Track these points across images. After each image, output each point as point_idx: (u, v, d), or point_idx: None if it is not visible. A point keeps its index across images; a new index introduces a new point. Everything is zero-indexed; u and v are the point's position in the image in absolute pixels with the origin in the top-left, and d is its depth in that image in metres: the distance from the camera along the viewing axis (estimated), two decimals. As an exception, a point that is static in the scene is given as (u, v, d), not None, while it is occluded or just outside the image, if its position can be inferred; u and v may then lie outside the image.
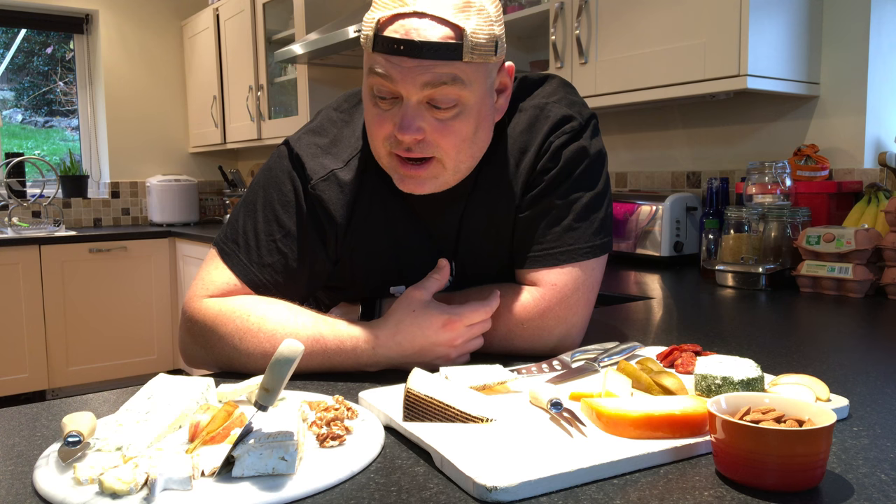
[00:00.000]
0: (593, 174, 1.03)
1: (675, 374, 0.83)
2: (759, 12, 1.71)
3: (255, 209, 1.03)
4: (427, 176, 0.94)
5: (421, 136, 0.90)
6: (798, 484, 0.59)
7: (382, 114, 0.92)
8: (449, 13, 0.87)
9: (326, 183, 1.01)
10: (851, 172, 1.88)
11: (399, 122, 0.90)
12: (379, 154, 0.96)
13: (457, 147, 0.93)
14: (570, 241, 1.00)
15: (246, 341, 0.94)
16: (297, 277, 1.02)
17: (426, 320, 0.91)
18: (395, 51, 0.87)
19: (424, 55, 0.86)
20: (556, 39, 2.17)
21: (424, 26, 0.86)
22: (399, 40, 0.87)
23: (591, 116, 1.05)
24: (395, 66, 0.88)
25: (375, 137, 0.95)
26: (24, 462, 0.69)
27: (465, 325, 0.92)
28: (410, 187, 0.96)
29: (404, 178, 0.95)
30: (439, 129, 0.91)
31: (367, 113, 0.95)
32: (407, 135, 0.89)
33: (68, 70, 4.61)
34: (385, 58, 0.88)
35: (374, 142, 0.96)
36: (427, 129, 0.90)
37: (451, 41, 0.87)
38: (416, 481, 0.63)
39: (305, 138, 1.04)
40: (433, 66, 0.87)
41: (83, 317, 3.77)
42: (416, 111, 0.89)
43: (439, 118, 0.91)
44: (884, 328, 1.26)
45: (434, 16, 0.87)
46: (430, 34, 0.86)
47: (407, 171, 0.94)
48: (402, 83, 0.88)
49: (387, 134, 0.93)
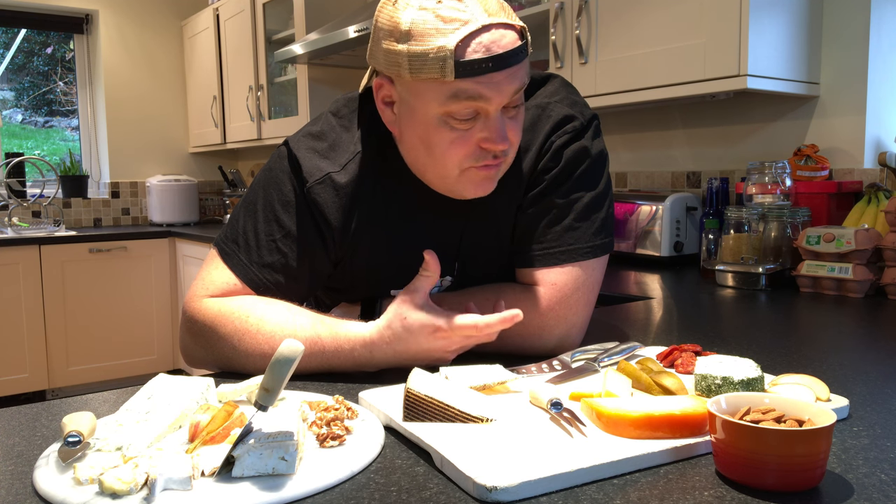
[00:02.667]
0: (595, 174, 1.03)
1: (675, 374, 0.83)
2: (759, 12, 1.71)
3: (256, 209, 1.03)
4: (499, 172, 0.96)
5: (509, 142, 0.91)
6: (798, 484, 0.59)
7: (462, 136, 0.90)
8: (502, 16, 0.87)
9: (322, 186, 1.00)
10: (851, 172, 1.88)
11: (492, 135, 0.89)
12: (447, 175, 0.95)
13: (520, 137, 0.96)
14: (571, 240, 1.00)
15: (245, 342, 0.94)
16: (297, 277, 1.02)
17: (417, 328, 0.88)
18: (484, 70, 0.85)
19: (511, 63, 0.86)
20: (556, 39, 2.17)
21: (497, 37, 0.85)
22: (485, 59, 0.85)
23: (593, 117, 1.05)
24: (485, 84, 0.86)
25: (452, 160, 0.92)
26: (24, 462, 0.69)
27: (457, 334, 0.88)
28: (485, 188, 0.96)
29: (481, 183, 0.95)
30: (512, 128, 0.93)
31: (436, 141, 0.92)
32: (505, 144, 0.90)
33: (68, 70, 4.61)
34: (475, 81, 0.86)
35: (447, 166, 0.93)
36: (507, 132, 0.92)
37: (520, 42, 0.88)
38: (416, 481, 0.63)
39: (304, 141, 1.04)
40: (517, 70, 0.88)
41: (83, 317, 3.77)
42: (503, 120, 0.90)
43: (511, 116, 0.92)
44: (884, 328, 1.26)
45: (499, 23, 0.86)
46: (507, 42, 0.86)
47: (486, 171, 0.94)
48: (497, 97, 0.87)
49: (468, 153, 0.92)
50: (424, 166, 0.97)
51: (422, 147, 0.94)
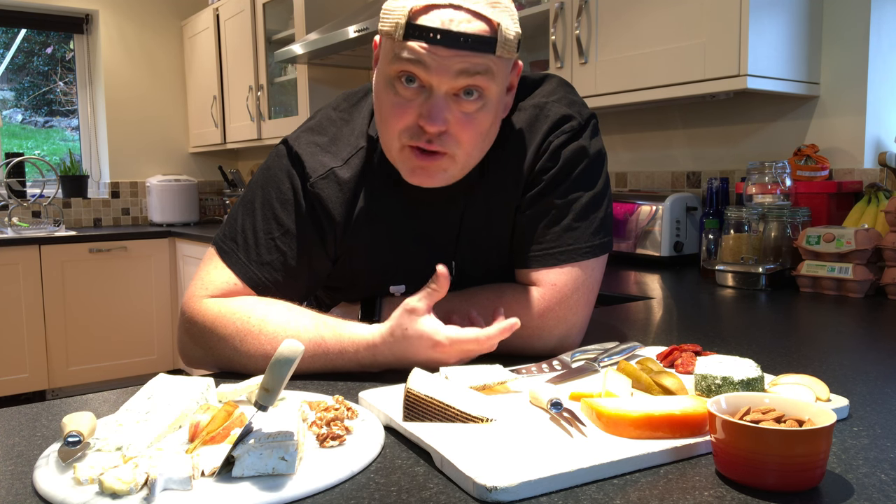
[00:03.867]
0: (593, 174, 1.03)
1: (675, 374, 0.83)
2: (759, 12, 1.71)
3: (254, 208, 1.03)
4: (437, 168, 0.94)
5: (445, 127, 0.91)
6: (798, 484, 0.59)
7: (404, 103, 0.91)
8: (480, 7, 0.88)
9: (325, 181, 1.01)
10: (851, 172, 1.88)
11: (427, 112, 0.90)
12: (390, 147, 0.96)
13: (473, 141, 0.94)
14: (570, 240, 1.00)
15: (247, 343, 0.94)
16: (296, 275, 1.02)
17: (418, 340, 0.89)
18: (431, 39, 0.87)
19: (461, 46, 0.87)
20: (556, 39, 2.17)
21: (461, 18, 0.87)
22: (437, 29, 0.87)
23: (591, 116, 1.05)
24: (430, 53, 0.87)
25: (391, 128, 0.93)
26: (24, 462, 0.69)
27: (456, 349, 0.89)
28: (420, 179, 0.95)
29: (415, 170, 0.94)
30: (462, 122, 0.91)
31: (382, 102, 0.94)
32: (435, 125, 0.89)
33: (68, 70, 4.61)
34: (419, 45, 0.88)
35: (387, 133, 0.95)
36: (451, 122, 0.91)
37: (487, 34, 0.88)
38: (416, 481, 0.63)
39: (304, 137, 1.04)
40: (469, 57, 0.88)
41: (83, 317, 3.77)
42: (444, 102, 0.90)
43: (464, 110, 0.91)
44: (884, 328, 1.26)
45: (470, 9, 0.87)
46: (468, 27, 0.87)
47: (421, 161, 0.93)
48: (437, 71, 0.88)
49: (406, 125, 0.92)
50: (379, 132, 0.98)
51: (377, 108, 0.97)
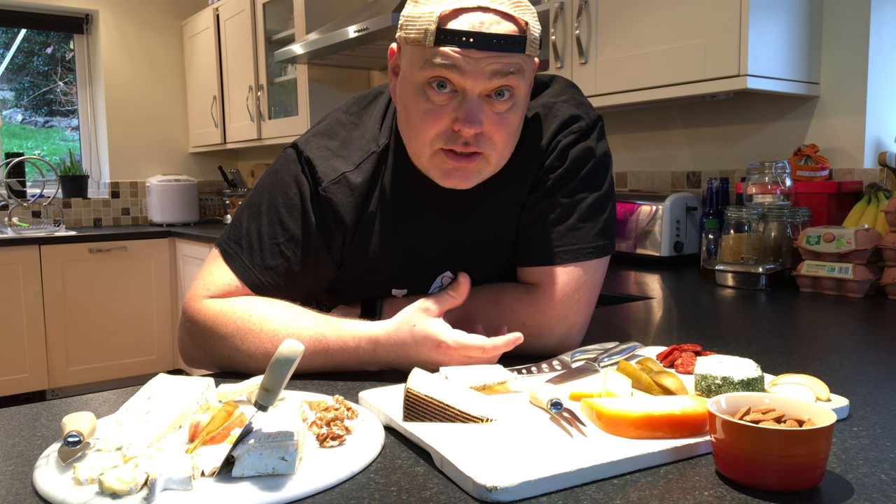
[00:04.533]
0: (599, 175, 1.03)
1: (675, 374, 0.83)
2: (759, 12, 1.71)
3: (260, 212, 1.02)
4: (473, 170, 0.94)
5: (480, 129, 0.90)
6: (798, 484, 0.59)
7: (436, 109, 0.91)
8: (509, 8, 0.88)
9: (337, 186, 1.00)
10: (851, 172, 1.88)
11: (463, 115, 0.89)
12: (421, 153, 0.95)
13: (505, 141, 0.94)
14: (574, 240, 1.00)
15: (247, 342, 0.94)
16: (299, 281, 1.01)
17: (422, 338, 0.89)
18: (463, 43, 0.87)
19: (494, 47, 0.87)
20: (556, 39, 2.17)
21: (491, 20, 0.87)
22: (469, 32, 0.86)
23: (598, 118, 1.05)
24: (464, 57, 0.87)
25: (424, 134, 0.93)
26: (24, 462, 0.69)
27: (460, 353, 0.89)
28: (455, 181, 0.95)
29: (451, 172, 0.94)
30: (495, 122, 0.91)
31: (412, 110, 0.93)
32: (472, 128, 0.89)
33: (68, 70, 4.61)
34: (452, 50, 0.87)
35: (419, 139, 0.94)
36: (485, 123, 0.91)
37: (517, 34, 0.88)
38: (416, 481, 0.63)
39: (315, 141, 1.04)
40: (502, 58, 0.88)
41: (83, 317, 3.77)
42: (478, 104, 0.90)
43: (497, 111, 0.91)
44: (884, 328, 1.26)
45: (498, 10, 0.88)
46: (498, 28, 0.87)
47: (456, 162, 0.93)
48: (472, 74, 0.88)
49: (440, 130, 0.92)
50: (407, 139, 0.97)
51: (405, 116, 0.96)
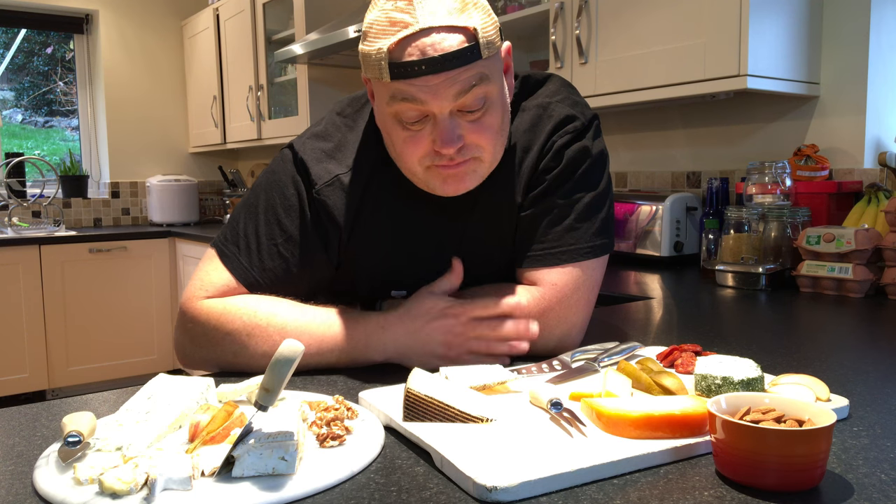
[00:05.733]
0: (595, 174, 1.03)
1: (675, 374, 0.83)
2: (759, 12, 1.71)
3: (257, 212, 1.02)
4: (467, 171, 0.94)
5: (461, 143, 0.90)
6: (798, 484, 0.59)
7: (414, 136, 0.91)
8: (452, 19, 0.85)
9: (331, 188, 1.00)
10: (851, 172, 1.88)
11: (439, 138, 0.89)
12: (413, 172, 0.95)
13: (492, 140, 0.94)
14: (572, 240, 1.00)
15: (255, 337, 0.94)
16: (296, 282, 1.02)
17: (429, 306, 0.94)
18: (416, 73, 0.85)
19: (448, 67, 0.85)
20: (556, 39, 2.17)
21: (437, 40, 0.84)
22: (418, 62, 0.84)
23: (594, 117, 1.05)
24: (421, 87, 0.86)
25: (410, 159, 0.93)
26: (24, 462, 0.69)
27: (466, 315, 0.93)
28: (454, 187, 0.95)
29: (447, 180, 0.94)
30: (475, 130, 0.91)
31: (393, 139, 0.94)
32: (451, 147, 0.89)
33: (68, 70, 4.61)
34: (408, 83, 0.86)
35: (407, 163, 0.94)
36: (464, 134, 0.90)
37: (467, 44, 0.86)
38: (416, 481, 0.63)
39: (310, 143, 1.04)
40: (459, 74, 0.86)
41: (83, 317, 3.77)
42: (451, 123, 0.89)
43: (471, 120, 0.91)
44: (884, 328, 1.26)
45: (441, 26, 0.85)
46: (446, 45, 0.85)
47: (449, 171, 0.93)
48: (434, 101, 0.87)
49: (423, 153, 0.92)
50: (397, 162, 0.98)
51: (389, 142, 0.96)
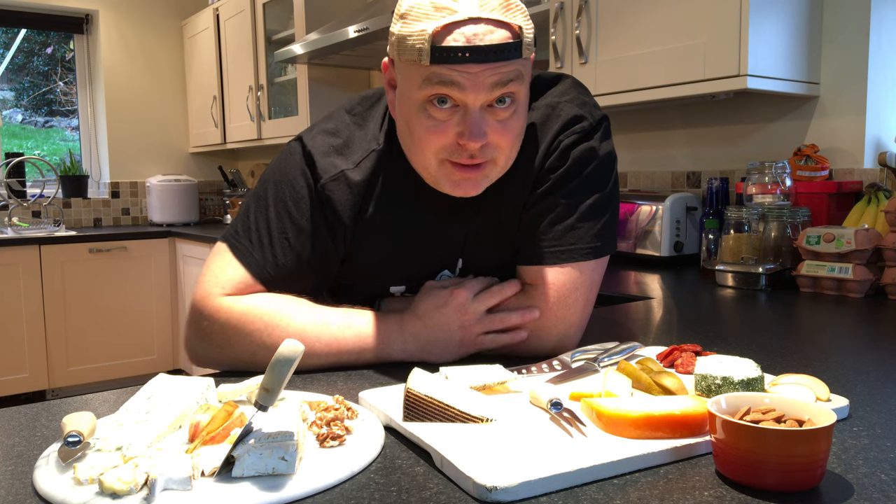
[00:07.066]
0: (601, 175, 1.03)
1: (675, 374, 0.83)
2: (759, 12, 1.71)
3: (267, 205, 1.03)
4: (481, 177, 0.94)
5: (486, 140, 0.90)
6: (798, 484, 0.59)
7: (438, 125, 0.90)
8: (499, 14, 0.86)
9: (336, 183, 1.01)
10: (851, 172, 1.88)
11: (466, 130, 0.88)
12: (427, 165, 0.95)
13: (511, 144, 0.94)
14: (572, 240, 1.00)
15: (275, 338, 0.94)
16: (309, 274, 1.02)
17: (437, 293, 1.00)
18: (459, 59, 0.85)
19: (491, 59, 0.85)
20: (556, 39, 2.17)
21: (483, 30, 0.85)
22: (464, 48, 0.84)
23: (603, 118, 1.05)
24: (461, 73, 0.86)
25: (429, 149, 0.92)
26: (24, 462, 0.69)
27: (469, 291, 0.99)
28: (465, 190, 0.95)
29: (460, 182, 0.94)
30: (499, 130, 0.91)
31: (415, 127, 0.93)
32: (477, 141, 0.89)
33: (68, 70, 4.61)
34: (448, 67, 0.86)
35: (423, 154, 0.94)
36: (489, 133, 0.90)
37: (511, 41, 0.86)
38: (416, 481, 0.63)
39: (319, 137, 1.04)
40: (499, 67, 0.87)
41: (83, 317, 3.77)
42: (481, 116, 0.89)
43: (499, 118, 0.90)
44: (884, 328, 1.26)
45: (490, 19, 0.86)
46: (493, 38, 0.85)
47: (464, 173, 0.93)
48: (472, 88, 0.87)
49: (444, 144, 0.91)
50: (410, 153, 0.97)
51: (407, 132, 0.95)
